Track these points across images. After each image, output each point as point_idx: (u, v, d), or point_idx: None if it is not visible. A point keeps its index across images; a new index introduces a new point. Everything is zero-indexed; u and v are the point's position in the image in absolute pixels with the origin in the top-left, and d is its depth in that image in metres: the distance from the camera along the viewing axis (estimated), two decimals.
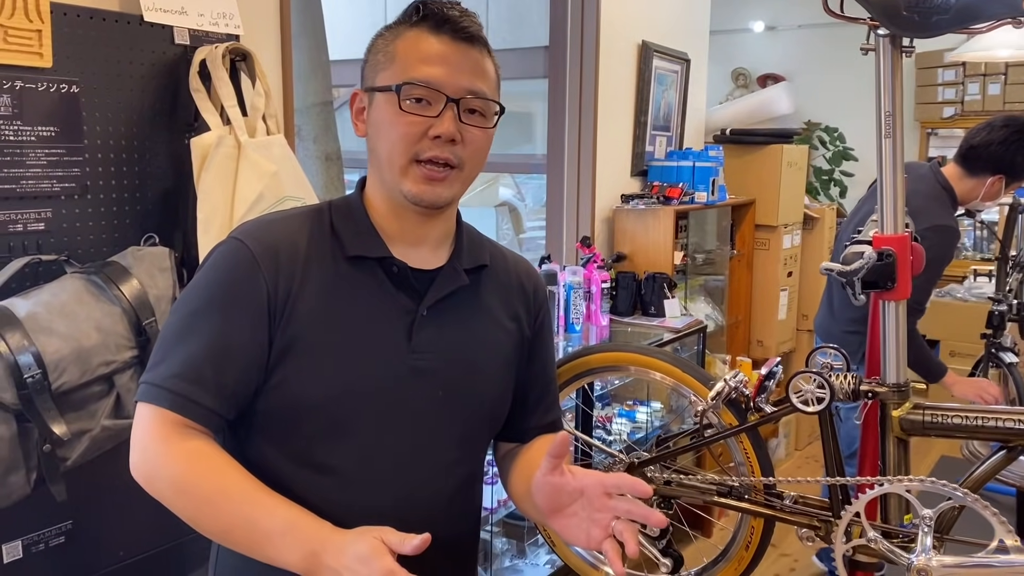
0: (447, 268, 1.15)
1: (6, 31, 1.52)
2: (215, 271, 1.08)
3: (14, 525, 1.59)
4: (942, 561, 1.14)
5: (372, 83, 1.10)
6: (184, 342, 1.04)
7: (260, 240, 1.08)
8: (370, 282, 1.10)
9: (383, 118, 1.08)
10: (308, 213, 1.14)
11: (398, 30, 1.10)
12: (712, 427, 1.34)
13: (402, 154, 1.07)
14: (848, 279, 1.17)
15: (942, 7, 1.06)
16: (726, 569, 1.39)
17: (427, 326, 1.11)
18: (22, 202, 1.58)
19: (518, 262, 1.27)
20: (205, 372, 1.02)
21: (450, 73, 1.06)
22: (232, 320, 1.04)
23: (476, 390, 1.16)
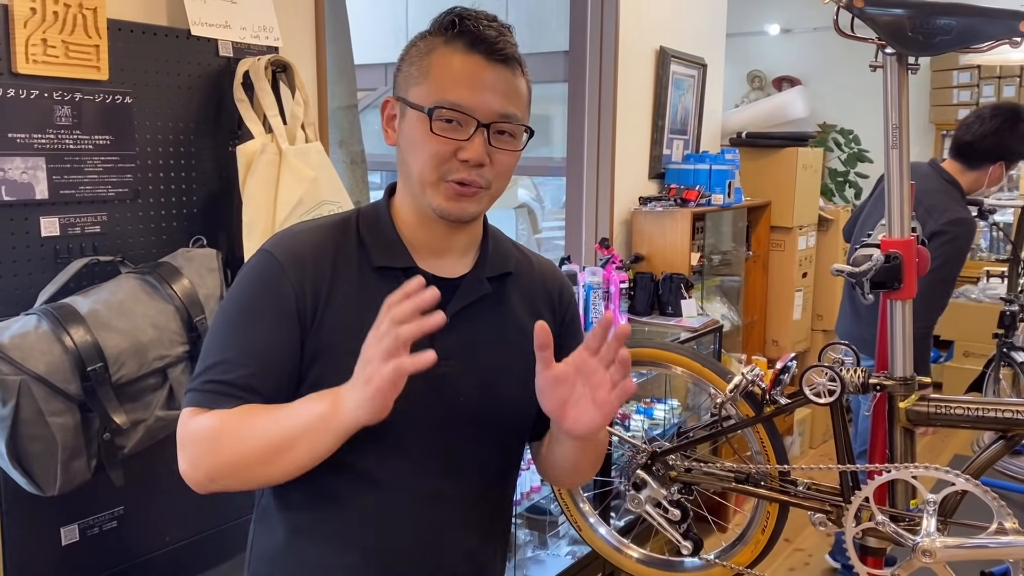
0: (471, 277, 1.16)
1: (68, 47, 1.63)
2: (246, 282, 1.11)
3: (72, 509, 1.69)
4: (945, 542, 1.22)
5: (405, 95, 1.11)
6: (220, 352, 1.07)
7: (288, 250, 1.10)
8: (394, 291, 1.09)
9: (414, 135, 1.09)
10: (336, 223, 1.16)
11: (432, 43, 1.10)
12: (730, 418, 1.42)
13: (431, 172, 1.08)
14: (857, 280, 1.26)
15: (944, 28, 1.14)
16: (743, 551, 1.47)
17: (451, 334, 1.09)
18: (80, 206, 1.69)
19: (543, 265, 1.27)
20: (240, 376, 1.05)
21: (482, 97, 1.07)
22: (263, 326, 1.07)
23: (499, 396, 1.16)
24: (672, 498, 1.48)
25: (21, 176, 1.59)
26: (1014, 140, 2.60)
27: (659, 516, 1.48)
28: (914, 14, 1.16)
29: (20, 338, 1.46)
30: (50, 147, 1.62)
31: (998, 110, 2.64)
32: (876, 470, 1.30)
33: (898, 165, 1.26)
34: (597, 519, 1.63)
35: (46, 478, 1.50)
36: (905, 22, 1.17)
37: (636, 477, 1.49)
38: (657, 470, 1.49)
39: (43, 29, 1.58)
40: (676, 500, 1.48)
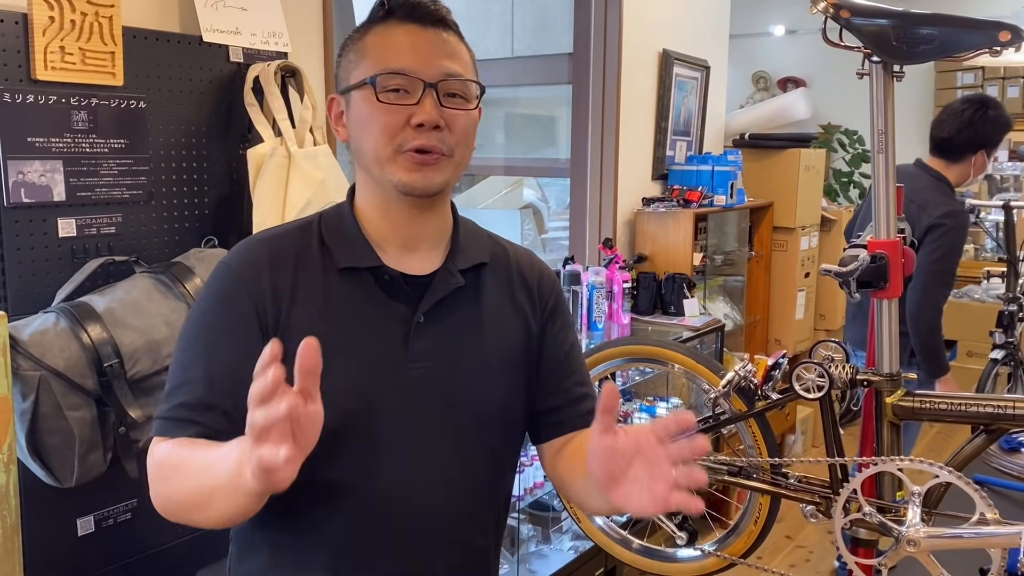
0: (442, 271, 1.11)
1: (84, 54, 1.68)
2: (206, 299, 1.08)
3: (88, 501, 1.75)
4: (929, 532, 1.27)
5: (346, 83, 1.08)
6: (183, 373, 1.04)
7: (244, 260, 1.07)
8: (363, 293, 1.08)
9: (362, 114, 1.05)
10: (298, 226, 1.13)
11: (366, 28, 1.08)
12: (723, 412, 1.47)
13: (386, 145, 1.04)
14: (844, 279, 1.30)
15: (927, 38, 1.18)
16: (737, 542, 1.52)
17: (424, 333, 1.08)
18: (96, 208, 1.74)
19: (519, 255, 1.21)
20: (204, 396, 1.01)
21: (423, 58, 1.04)
22: (225, 344, 1.03)
23: (481, 395, 1.11)
24: None
25: (40, 179, 1.65)
26: (988, 127, 2.70)
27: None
28: (898, 24, 1.20)
29: (39, 335, 1.52)
30: (67, 151, 1.68)
31: (967, 103, 2.75)
32: (864, 463, 1.35)
33: (884, 169, 1.30)
34: None
35: (63, 470, 1.56)
36: (889, 32, 1.21)
37: None
38: None
39: (61, 37, 1.64)
40: None
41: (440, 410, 1.08)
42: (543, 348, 1.18)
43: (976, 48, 1.18)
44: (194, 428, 1.00)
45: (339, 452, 1.03)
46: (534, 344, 1.17)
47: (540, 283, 1.20)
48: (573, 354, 1.22)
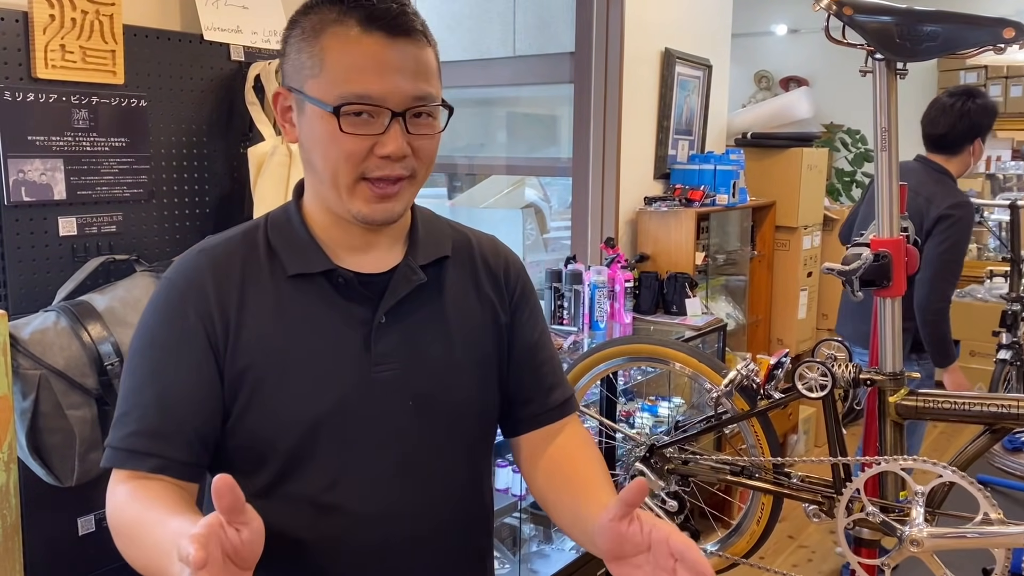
0: (402, 268, 1.05)
1: (85, 52, 1.68)
2: (150, 317, 1.02)
3: (89, 501, 1.74)
4: (932, 532, 1.26)
5: (299, 86, 0.97)
6: (133, 398, 0.99)
7: (187, 275, 1.01)
8: (317, 299, 1.02)
9: (319, 135, 0.96)
10: (242, 233, 1.06)
11: (321, 20, 0.96)
12: (726, 411, 1.47)
13: (347, 174, 0.97)
14: (847, 278, 1.30)
15: (931, 35, 1.18)
16: (739, 542, 1.51)
17: (387, 333, 1.03)
18: (97, 206, 1.74)
19: (483, 243, 1.16)
20: (157, 422, 0.97)
21: (392, 81, 0.94)
22: (175, 366, 0.98)
23: (451, 393, 1.07)
24: (669, 490, 1.52)
25: (40, 177, 1.64)
26: (979, 115, 2.79)
27: (657, 507, 1.52)
28: (901, 21, 1.20)
29: (40, 334, 1.51)
30: (68, 149, 1.68)
31: (953, 96, 2.81)
32: (867, 462, 1.34)
33: (887, 167, 1.30)
34: None
35: (64, 469, 1.55)
36: (892, 29, 1.21)
37: (634, 470, 1.54)
38: (655, 463, 1.53)
39: (61, 35, 1.64)
40: (673, 492, 1.52)
41: (411, 412, 1.04)
42: (513, 338, 1.14)
43: (980, 45, 1.17)
44: (151, 461, 0.96)
45: (307, 469, 1.00)
46: (504, 335, 1.13)
47: (506, 271, 1.15)
48: (543, 342, 1.18)
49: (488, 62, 3.99)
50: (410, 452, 1.04)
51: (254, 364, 0.99)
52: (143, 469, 0.96)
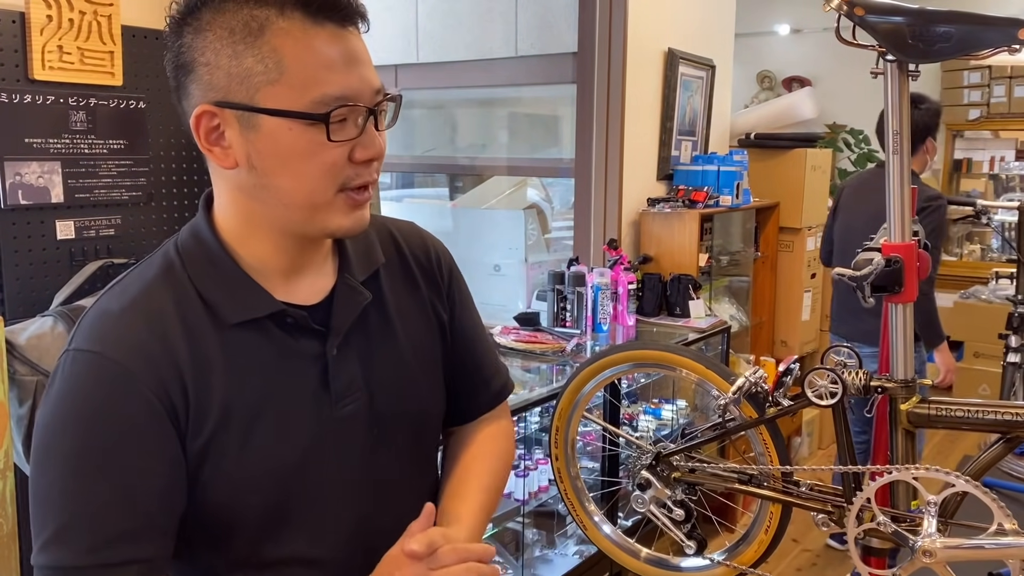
0: (341, 289, 0.95)
1: (83, 53, 1.66)
2: (81, 401, 0.83)
3: None
4: (945, 543, 1.23)
5: (247, 99, 0.83)
6: (81, 499, 0.81)
7: (122, 343, 0.84)
8: (264, 343, 0.90)
9: (289, 149, 0.83)
10: (157, 281, 0.89)
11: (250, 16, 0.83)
12: (733, 419, 1.44)
13: (328, 189, 0.86)
14: (859, 283, 1.27)
15: (944, 36, 1.15)
16: (747, 551, 1.49)
17: (342, 366, 0.94)
18: (95, 210, 1.72)
19: (406, 236, 1.08)
20: (127, 523, 0.82)
21: (359, 76, 0.85)
22: (134, 452, 0.83)
23: (412, 408, 1.02)
24: (676, 498, 1.50)
25: (37, 180, 1.62)
26: (926, 117, 3.11)
27: (663, 516, 1.50)
28: (914, 22, 1.17)
29: (37, 339, 1.49)
30: (65, 152, 1.66)
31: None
32: (878, 471, 1.32)
33: (899, 170, 1.27)
34: (602, 518, 1.65)
35: None
36: (905, 30, 1.18)
37: (640, 478, 1.51)
38: (661, 471, 1.51)
39: (59, 36, 1.62)
40: (680, 500, 1.50)
41: (378, 442, 0.98)
42: (453, 334, 1.09)
43: (994, 46, 1.15)
44: (134, 568, 0.82)
45: (284, 526, 0.93)
46: (445, 333, 1.08)
47: (438, 264, 1.08)
48: (479, 332, 1.14)
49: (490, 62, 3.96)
50: (379, 476, 0.99)
51: (216, 430, 0.87)
52: None
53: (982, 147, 6.12)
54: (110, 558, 0.81)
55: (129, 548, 0.82)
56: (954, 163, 6.13)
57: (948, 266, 5.90)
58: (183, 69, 0.86)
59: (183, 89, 0.87)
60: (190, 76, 0.85)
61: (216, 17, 0.83)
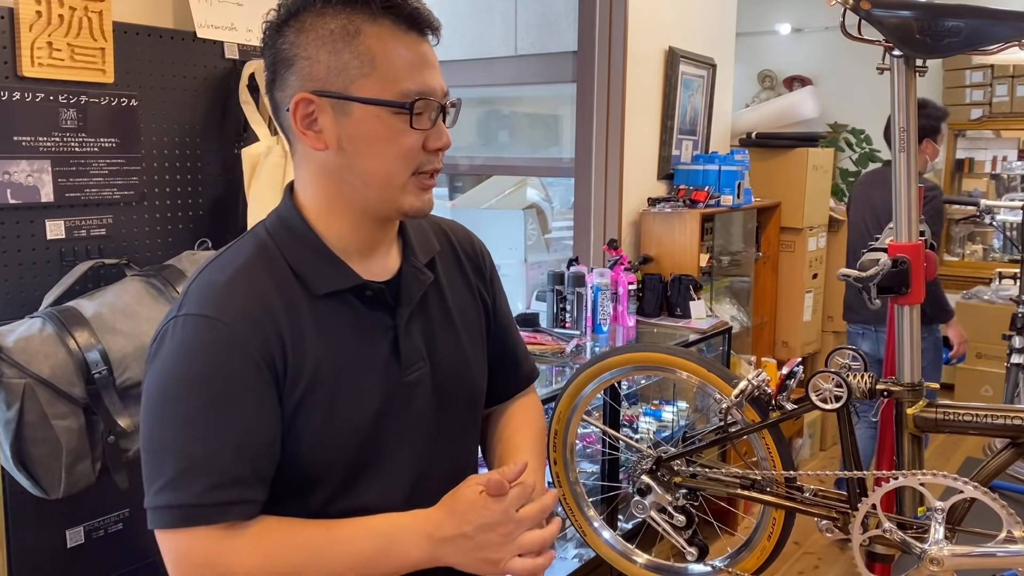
0: (407, 270, 1.08)
1: (73, 50, 1.63)
2: (196, 359, 0.94)
3: (78, 512, 1.70)
4: (953, 550, 1.21)
5: (342, 89, 0.96)
6: (199, 446, 0.93)
7: (230, 309, 0.95)
8: (346, 313, 1.03)
9: (376, 133, 0.97)
10: (255, 258, 1.01)
11: (347, 20, 0.96)
12: (736, 423, 1.41)
13: (405, 170, 0.99)
14: (864, 284, 1.24)
15: (952, 31, 1.12)
16: (749, 558, 1.46)
17: (410, 337, 1.07)
18: (86, 209, 1.69)
19: (456, 232, 1.22)
20: (238, 469, 0.94)
21: (435, 78, 1.00)
22: (248, 407, 0.95)
23: (464, 383, 1.14)
24: (677, 503, 1.47)
25: (27, 179, 1.59)
26: (923, 120, 3.09)
27: (664, 522, 1.47)
28: (922, 16, 1.14)
29: (25, 341, 1.46)
30: (56, 150, 1.63)
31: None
32: (883, 477, 1.29)
33: (906, 168, 1.24)
34: (602, 523, 1.62)
35: (50, 481, 1.50)
36: (913, 24, 1.15)
37: (641, 482, 1.48)
38: (662, 475, 1.48)
39: (48, 32, 1.59)
40: (681, 506, 1.47)
41: (438, 409, 1.10)
42: (494, 319, 1.23)
43: (1004, 40, 1.12)
44: (243, 508, 0.94)
45: (360, 481, 1.04)
46: (490, 317, 1.22)
47: (482, 257, 1.23)
48: (512, 320, 1.29)
49: (490, 61, 3.94)
50: (436, 440, 1.10)
51: (308, 389, 0.99)
52: (233, 519, 0.93)
53: (984, 147, 6.08)
54: (223, 498, 0.92)
55: (239, 491, 0.93)
56: (956, 163, 6.10)
57: (950, 266, 5.87)
58: (284, 63, 0.98)
59: (281, 80, 0.99)
60: (291, 69, 0.98)
61: (317, 20, 0.96)
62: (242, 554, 0.93)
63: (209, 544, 0.93)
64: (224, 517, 0.93)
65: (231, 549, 0.93)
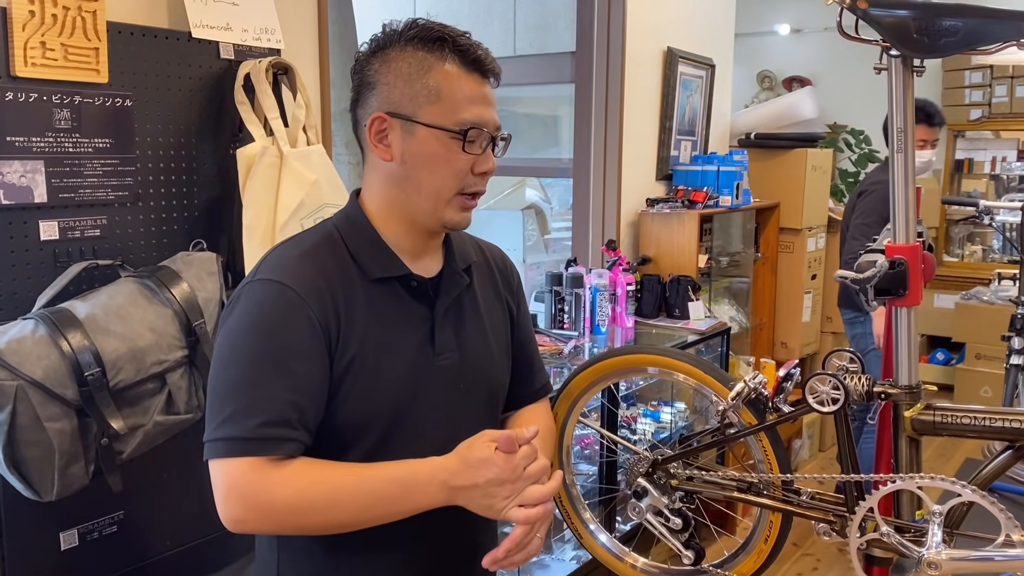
0: (447, 272, 1.25)
1: (67, 50, 1.62)
2: (265, 315, 1.11)
3: (71, 514, 1.69)
4: (951, 554, 1.20)
5: (412, 115, 1.14)
6: (257, 389, 1.08)
7: (299, 278, 1.12)
8: (393, 298, 1.19)
9: (433, 154, 1.15)
10: (323, 242, 1.19)
11: (426, 60, 1.15)
12: (733, 426, 1.40)
13: (452, 188, 1.16)
14: (861, 286, 1.23)
15: (950, 30, 1.11)
16: (746, 561, 1.45)
17: (444, 328, 1.22)
18: (80, 210, 1.68)
19: (491, 250, 1.39)
20: (288, 413, 1.08)
21: (489, 112, 1.17)
22: (303, 359, 1.10)
23: (488, 379, 1.28)
24: (673, 506, 1.45)
25: (20, 180, 1.58)
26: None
27: (660, 525, 1.46)
28: (919, 15, 1.13)
29: (17, 343, 1.45)
30: (49, 150, 1.62)
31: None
32: (881, 480, 1.28)
33: (903, 169, 1.23)
34: (598, 526, 1.61)
35: (43, 483, 1.49)
36: (910, 24, 1.14)
37: (637, 485, 1.47)
38: (658, 478, 1.47)
39: (42, 32, 1.58)
40: (677, 509, 1.46)
41: (463, 396, 1.24)
42: (516, 329, 1.37)
43: (1003, 40, 1.11)
44: (289, 445, 1.07)
45: (390, 447, 1.16)
46: (514, 325, 1.37)
47: (511, 274, 1.39)
48: (532, 333, 1.44)
49: None
50: (459, 423, 1.20)
51: (355, 357, 1.13)
52: (280, 453, 1.07)
53: (983, 147, 6.07)
54: (272, 434, 1.06)
55: (287, 431, 1.07)
56: (955, 163, 6.09)
57: (949, 267, 5.87)
58: (368, 86, 1.18)
59: (363, 100, 1.19)
60: (372, 91, 1.17)
61: (399, 55, 1.16)
62: (281, 486, 1.05)
63: (254, 474, 1.05)
64: (271, 451, 1.06)
65: (272, 481, 1.05)
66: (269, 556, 1.24)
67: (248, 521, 1.07)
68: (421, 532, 1.17)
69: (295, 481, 1.06)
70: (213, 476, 1.08)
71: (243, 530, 1.08)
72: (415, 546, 1.22)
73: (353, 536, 1.12)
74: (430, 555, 1.24)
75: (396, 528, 1.12)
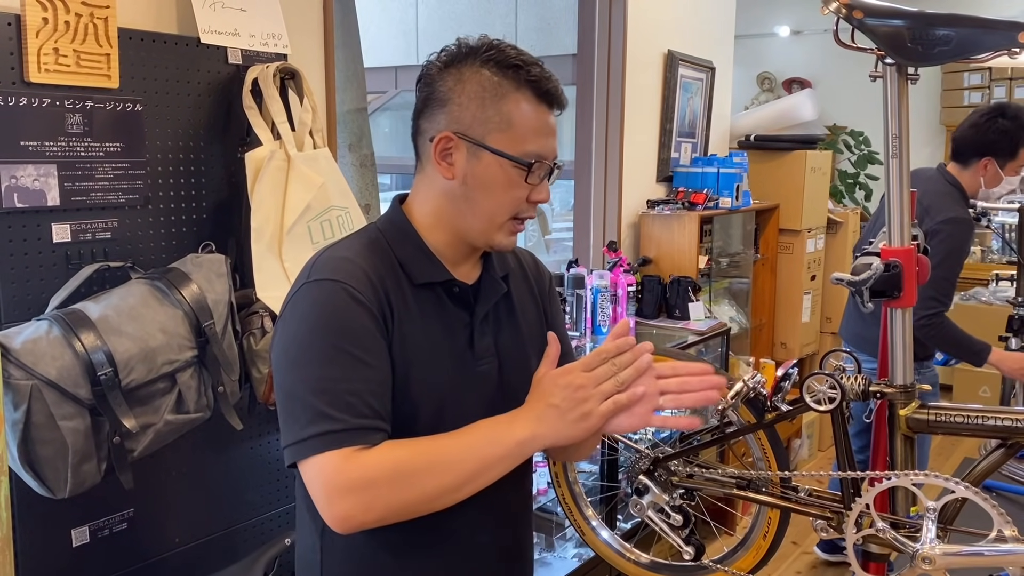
0: (486, 279, 1.26)
1: (79, 56, 1.65)
2: (330, 312, 1.11)
3: (83, 512, 1.72)
4: (945, 549, 1.23)
5: (481, 139, 1.15)
6: (340, 383, 1.08)
7: (354, 277, 1.14)
8: (435, 302, 1.20)
9: (495, 179, 1.16)
10: (369, 245, 1.21)
11: (501, 86, 1.15)
12: (732, 424, 1.43)
13: (507, 213, 1.18)
14: (857, 288, 1.26)
15: (943, 39, 1.15)
16: (745, 557, 1.48)
17: (483, 334, 1.24)
18: (91, 212, 1.71)
19: (523, 256, 1.40)
20: (373, 403, 1.09)
21: (552, 146, 1.19)
22: (374, 354, 1.11)
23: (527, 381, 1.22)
24: (674, 503, 1.49)
25: (33, 183, 1.61)
26: (993, 134, 2.62)
27: (661, 521, 1.49)
28: (913, 25, 1.16)
29: (32, 343, 1.48)
30: (61, 154, 1.65)
31: (987, 107, 2.75)
32: (877, 477, 1.31)
33: (898, 174, 1.26)
34: (600, 523, 1.64)
35: (57, 481, 1.52)
36: (904, 33, 1.17)
37: (639, 482, 1.50)
38: (659, 475, 1.50)
39: (55, 39, 1.61)
40: (678, 505, 1.49)
41: (501, 401, 1.21)
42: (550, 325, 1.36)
43: (994, 49, 1.14)
44: (377, 435, 1.08)
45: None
46: (546, 327, 1.34)
47: (546, 276, 1.42)
48: (565, 333, 1.42)
49: None
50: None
51: (404, 354, 1.15)
52: (369, 443, 1.07)
53: None
54: (365, 424, 1.07)
55: (377, 421, 1.08)
56: None
57: None
58: (438, 101, 1.18)
59: (430, 112, 1.19)
60: (443, 108, 1.17)
61: (474, 76, 1.16)
62: (378, 461, 1.05)
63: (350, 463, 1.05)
64: (365, 440, 1.06)
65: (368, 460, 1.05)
66: (312, 558, 1.24)
67: (355, 513, 1.05)
68: (460, 533, 1.20)
69: (391, 453, 1.06)
70: (310, 476, 1.07)
71: (350, 527, 1.06)
72: (455, 547, 1.22)
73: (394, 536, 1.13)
74: (470, 556, 1.25)
75: (437, 528, 1.13)
